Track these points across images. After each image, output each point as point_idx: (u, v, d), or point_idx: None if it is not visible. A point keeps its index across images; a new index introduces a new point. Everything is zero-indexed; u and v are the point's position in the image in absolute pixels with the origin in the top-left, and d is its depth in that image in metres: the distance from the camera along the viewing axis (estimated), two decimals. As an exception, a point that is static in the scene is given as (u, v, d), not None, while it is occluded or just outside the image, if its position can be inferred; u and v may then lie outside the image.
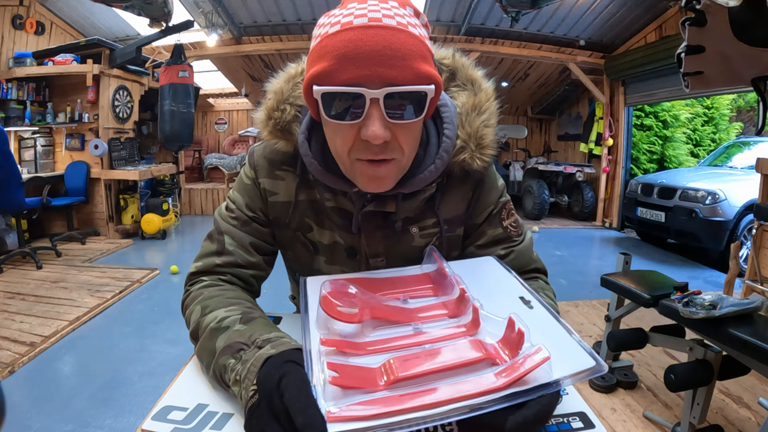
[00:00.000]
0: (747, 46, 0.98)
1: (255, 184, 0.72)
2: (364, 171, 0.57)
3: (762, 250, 2.52)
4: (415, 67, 0.51)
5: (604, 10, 5.12)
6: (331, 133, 0.57)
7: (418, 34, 0.53)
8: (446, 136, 0.64)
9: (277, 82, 0.68)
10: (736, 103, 9.39)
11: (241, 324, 0.55)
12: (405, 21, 0.52)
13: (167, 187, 5.54)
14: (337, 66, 0.50)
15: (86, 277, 3.52)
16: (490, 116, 0.66)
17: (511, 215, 0.74)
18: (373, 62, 0.49)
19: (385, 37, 0.50)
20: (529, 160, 7.33)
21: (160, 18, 4.32)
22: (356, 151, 0.55)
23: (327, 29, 0.53)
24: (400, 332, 0.50)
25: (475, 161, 0.65)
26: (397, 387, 0.41)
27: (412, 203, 0.67)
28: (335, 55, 0.50)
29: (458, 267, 0.61)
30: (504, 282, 0.60)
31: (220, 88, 7.94)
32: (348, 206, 0.68)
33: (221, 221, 0.72)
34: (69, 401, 1.93)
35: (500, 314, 0.49)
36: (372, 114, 0.51)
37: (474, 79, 0.69)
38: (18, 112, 4.63)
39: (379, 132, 0.51)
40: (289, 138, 0.67)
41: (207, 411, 0.50)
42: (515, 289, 0.58)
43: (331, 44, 0.51)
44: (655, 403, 1.91)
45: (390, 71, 0.50)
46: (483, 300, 0.52)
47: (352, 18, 0.51)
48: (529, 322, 0.45)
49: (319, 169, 0.64)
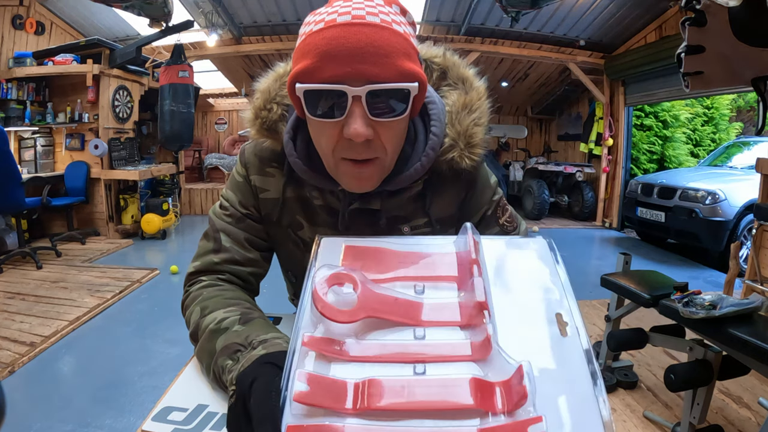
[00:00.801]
0: (747, 46, 0.98)
1: (246, 181, 0.72)
2: (347, 171, 0.57)
3: (762, 250, 2.52)
4: (399, 64, 0.51)
5: (604, 10, 5.11)
6: (315, 132, 0.57)
7: (403, 32, 0.53)
8: (433, 134, 0.64)
9: (265, 82, 0.69)
10: (736, 103, 9.38)
11: (240, 325, 0.55)
12: (389, 18, 0.52)
13: (167, 187, 5.54)
14: (319, 63, 0.50)
15: (86, 277, 3.52)
16: (480, 115, 0.66)
17: (506, 211, 0.75)
18: (356, 59, 0.49)
19: (367, 35, 0.50)
20: (529, 160, 7.33)
21: (160, 18, 4.32)
22: (340, 150, 0.56)
23: (312, 27, 0.53)
24: (398, 339, 0.45)
25: (464, 160, 0.65)
26: (367, 416, 0.38)
27: (397, 201, 0.67)
28: (318, 52, 0.50)
29: (496, 253, 0.53)
30: (544, 287, 0.50)
31: (220, 88, 7.94)
32: (335, 204, 0.68)
33: (216, 219, 0.73)
34: (69, 401, 1.93)
35: (523, 339, 0.43)
36: (354, 112, 0.51)
37: (465, 77, 0.69)
38: (18, 112, 4.63)
39: (361, 129, 0.51)
40: (276, 137, 0.67)
41: (207, 411, 0.50)
42: (554, 300, 0.48)
43: (313, 42, 0.51)
44: (655, 403, 1.91)
45: (372, 68, 0.50)
46: (509, 312, 0.46)
47: (336, 15, 0.51)
48: (552, 359, 0.41)
49: (303, 168, 0.64)
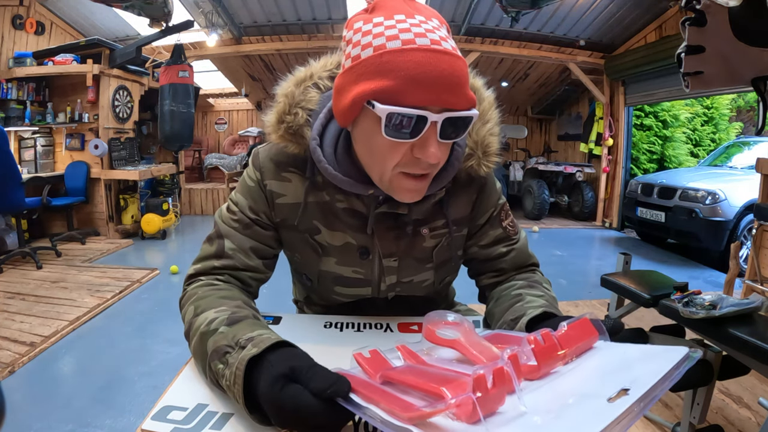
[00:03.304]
0: (747, 46, 0.98)
1: (260, 186, 0.72)
2: (405, 185, 0.60)
3: (762, 250, 2.52)
4: (467, 93, 0.55)
5: (604, 10, 5.11)
6: (378, 147, 0.58)
7: (464, 58, 0.56)
8: (458, 145, 0.67)
9: (287, 86, 0.68)
10: (736, 103, 9.38)
11: (226, 326, 0.55)
12: (454, 44, 0.55)
13: (167, 187, 5.54)
14: (404, 87, 0.52)
15: (86, 277, 3.52)
16: (494, 125, 0.70)
17: (508, 216, 0.79)
18: (439, 88, 0.52)
19: (449, 63, 0.52)
20: (529, 160, 7.33)
21: (160, 18, 4.32)
22: (404, 165, 0.58)
23: (382, 41, 0.53)
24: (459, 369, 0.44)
25: (482, 168, 0.69)
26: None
27: (422, 206, 0.70)
28: (403, 75, 0.52)
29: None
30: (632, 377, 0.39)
31: (220, 88, 7.94)
32: (360, 207, 0.70)
33: (222, 224, 0.72)
34: (69, 401, 1.93)
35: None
36: (430, 136, 0.54)
37: (476, 88, 0.71)
38: (18, 112, 4.62)
39: (437, 153, 0.55)
40: (300, 141, 0.67)
41: (207, 411, 0.50)
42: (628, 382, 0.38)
43: (395, 62, 0.52)
44: (655, 403, 1.91)
45: (452, 97, 0.53)
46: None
47: (412, 36, 0.53)
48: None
49: (333, 173, 0.65)
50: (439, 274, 0.79)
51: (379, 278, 0.76)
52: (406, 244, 0.73)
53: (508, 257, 0.77)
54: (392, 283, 0.76)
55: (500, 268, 0.78)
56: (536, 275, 0.77)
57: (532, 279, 0.75)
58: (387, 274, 0.75)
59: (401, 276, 0.76)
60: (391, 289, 0.77)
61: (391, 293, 0.78)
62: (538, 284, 0.73)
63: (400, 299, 0.79)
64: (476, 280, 0.83)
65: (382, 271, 0.75)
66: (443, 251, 0.76)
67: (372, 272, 0.75)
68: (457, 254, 0.79)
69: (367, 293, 0.78)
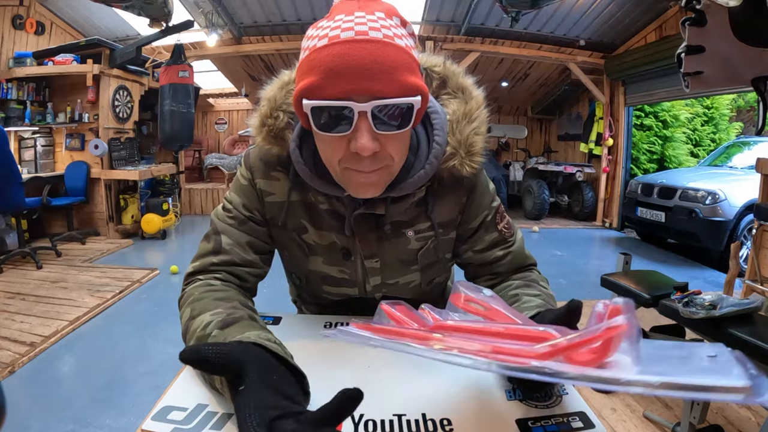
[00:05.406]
0: (747, 46, 0.98)
1: (251, 184, 0.73)
2: (354, 179, 0.59)
3: (762, 250, 2.52)
4: (402, 79, 0.53)
5: (604, 10, 5.11)
6: (322, 144, 0.59)
7: (404, 46, 0.54)
8: (436, 143, 0.66)
9: (271, 90, 0.70)
10: (736, 103, 9.38)
11: (219, 329, 0.55)
12: (391, 33, 0.53)
13: (167, 187, 5.54)
14: (325, 80, 0.51)
15: (86, 277, 3.52)
16: (480, 124, 0.68)
17: (504, 218, 0.77)
18: (361, 76, 0.51)
19: (371, 51, 0.51)
20: (529, 160, 7.33)
21: (160, 18, 4.32)
22: (346, 161, 0.57)
23: (315, 42, 0.54)
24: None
25: (465, 168, 0.67)
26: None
27: (401, 206, 0.69)
28: (323, 69, 0.51)
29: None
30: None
31: (220, 88, 7.94)
32: (341, 209, 0.70)
33: (218, 221, 0.73)
34: (69, 401, 1.93)
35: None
36: (360, 127, 0.53)
37: (465, 87, 0.71)
38: (18, 112, 4.62)
39: (368, 144, 0.53)
40: (282, 144, 0.68)
41: (207, 411, 0.50)
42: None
43: (318, 58, 0.52)
44: (655, 403, 1.91)
45: (377, 84, 0.51)
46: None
47: (339, 31, 0.52)
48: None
49: (310, 175, 0.65)
50: (425, 276, 0.79)
51: (363, 279, 0.76)
52: (388, 245, 0.73)
53: (504, 261, 0.76)
54: (377, 284, 0.77)
55: (497, 272, 0.77)
56: (533, 274, 0.77)
57: (529, 278, 0.75)
58: (371, 275, 0.75)
59: (385, 277, 0.76)
60: (378, 290, 0.78)
61: (378, 294, 0.78)
62: (535, 283, 0.72)
63: (392, 299, 0.79)
64: (473, 282, 0.82)
65: (365, 273, 0.75)
66: (429, 254, 0.75)
67: (356, 273, 0.76)
68: (444, 257, 0.78)
69: (355, 293, 0.79)
